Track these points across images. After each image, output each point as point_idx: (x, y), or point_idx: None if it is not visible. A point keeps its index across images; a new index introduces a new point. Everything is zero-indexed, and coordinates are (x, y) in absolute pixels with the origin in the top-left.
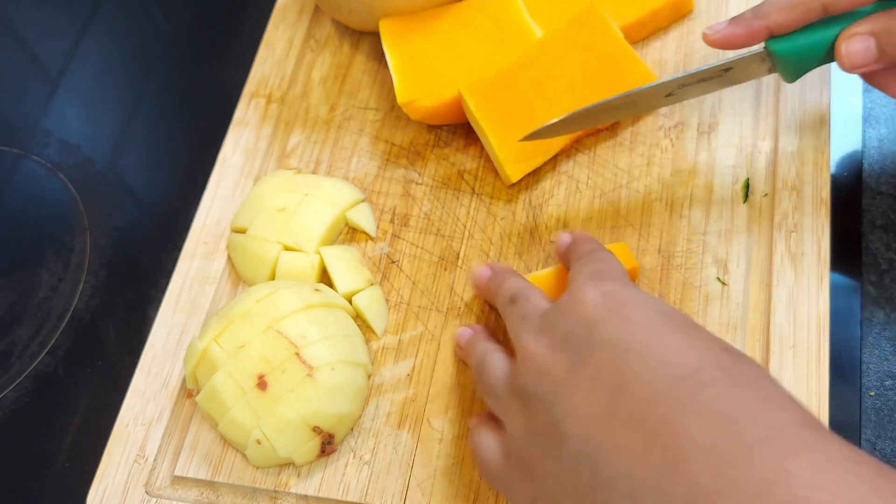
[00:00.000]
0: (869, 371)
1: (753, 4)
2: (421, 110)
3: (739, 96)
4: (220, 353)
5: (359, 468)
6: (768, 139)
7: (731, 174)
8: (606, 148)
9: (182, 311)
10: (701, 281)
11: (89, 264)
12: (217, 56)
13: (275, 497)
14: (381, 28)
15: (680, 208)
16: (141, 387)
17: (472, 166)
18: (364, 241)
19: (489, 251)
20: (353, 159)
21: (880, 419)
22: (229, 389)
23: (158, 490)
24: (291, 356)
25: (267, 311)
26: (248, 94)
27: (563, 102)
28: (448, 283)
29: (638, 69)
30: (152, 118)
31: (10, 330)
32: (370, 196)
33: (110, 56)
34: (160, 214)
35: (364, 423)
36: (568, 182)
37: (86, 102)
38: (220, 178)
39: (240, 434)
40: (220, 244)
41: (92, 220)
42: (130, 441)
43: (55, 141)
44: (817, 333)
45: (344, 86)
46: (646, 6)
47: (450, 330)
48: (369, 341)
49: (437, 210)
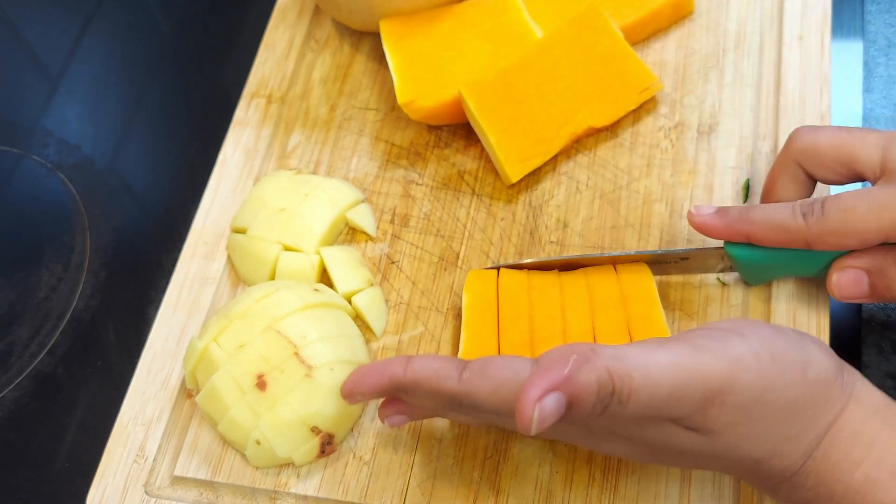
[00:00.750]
0: (869, 371)
1: (755, 8)
2: (421, 110)
3: (739, 96)
4: (220, 353)
5: (359, 468)
6: (769, 140)
7: (731, 174)
8: (606, 148)
9: (182, 311)
10: (701, 281)
11: (89, 264)
12: (217, 56)
13: (274, 497)
14: (381, 28)
15: (680, 208)
16: (141, 387)
17: (472, 167)
18: (364, 242)
19: (489, 251)
20: (353, 159)
21: None
22: (229, 389)
23: (158, 490)
24: (291, 356)
25: (266, 311)
26: (249, 95)
27: (563, 102)
28: (448, 284)
29: (638, 70)
30: (152, 118)
31: (10, 330)
32: (370, 196)
33: (110, 56)
34: (160, 214)
35: (364, 423)
36: (568, 182)
37: (86, 102)
38: (220, 178)
39: (239, 434)
40: (220, 244)
41: (92, 220)
42: (130, 441)
43: (55, 141)
44: (817, 333)
45: (344, 86)
46: (646, 7)
47: (449, 330)
48: (369, 342)
49: (437, 210)
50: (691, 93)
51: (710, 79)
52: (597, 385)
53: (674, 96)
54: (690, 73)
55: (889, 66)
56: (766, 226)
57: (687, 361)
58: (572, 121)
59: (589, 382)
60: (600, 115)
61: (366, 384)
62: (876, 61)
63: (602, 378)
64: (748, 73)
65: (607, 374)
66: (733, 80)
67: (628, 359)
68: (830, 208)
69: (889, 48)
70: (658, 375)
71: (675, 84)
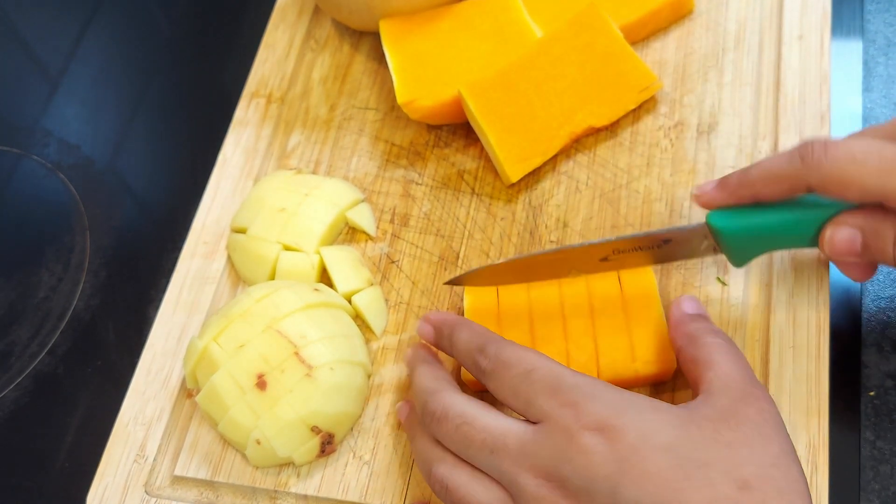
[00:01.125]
0: (869, 371)
1: (755, 7)
2: (421, 110)
3: (739, 96)
4: (220, 353)
5: (359, 468)
6: (768, 139)
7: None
8: (606, 148)
9: (182, 311)
10: (701, 281)
11: (89, 264)
12: (217, 56)
13: (274, 497)
14: (381, 28)
15: (680, 208)
16: (141, 387)
17: (472, 166)
18: (364, 241)
19: (489, 251)
20: (353, 159)
21: (880, 419)
22: (229, 389)
23: (158, 490)
24: (291, 356)
25: (266, 311)
26: (248, 95)
27: (563, 102)
28: None
29: (638, 69)
30: (152, 118)
31: (10, 330)
32: (370, 196)
33: (110, 56)
34: (160, 214)
35: (364, 423)
36: (568, 182)
37: (86, 102)
38: (220, 178)
39: (239, 434)
40: (220, 244)
41: (92, 220)
42: (130, 441)
43: (55, 141)
44: (817, 333)
45: (344, 86)
46: (646, 6)
47: None
48: (369, 341)
49: (437, 210)
50: (691, 92)
51: (709, 78)
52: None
53: (673, 96)
54: (690, 73)
55: (888, 65)
56: (766, 179)
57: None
58: (572, 120)
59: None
60: (600, 115)
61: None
62: (875, 60)
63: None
64: (748, 73)
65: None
66: (733, 79)
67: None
68: (837, 153)
69: (888, 47)
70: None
71: (675, 83)
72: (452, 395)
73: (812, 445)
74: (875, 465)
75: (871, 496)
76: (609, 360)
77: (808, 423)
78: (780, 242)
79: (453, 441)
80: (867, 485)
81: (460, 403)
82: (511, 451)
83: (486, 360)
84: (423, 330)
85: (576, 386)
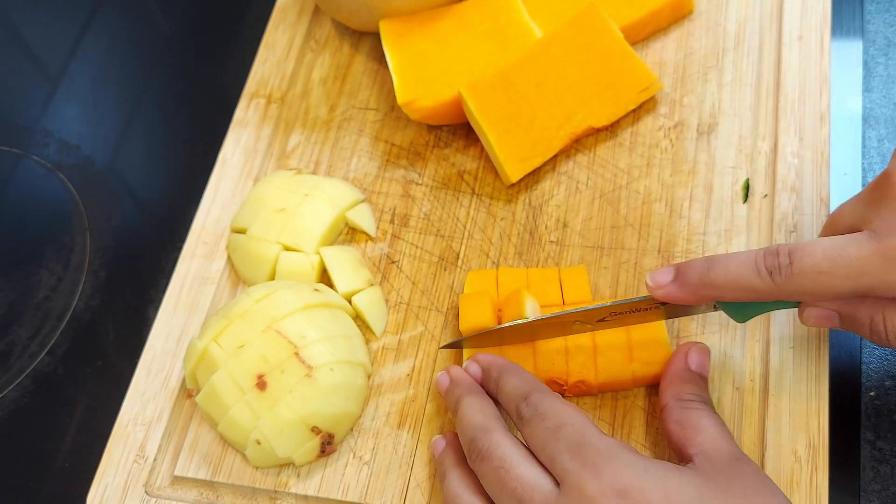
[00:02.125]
0: (869, 371)
1: (755, 8)
2: (421, 110)
3: (739, 96)
4: (220, 353)
5: (359, 468)
6: (768, 139)
7: (731, 174)
8: (606, 148)
9: (182, 312)
10: None
11: (89, 264)
12: (217, 56)
13: (274, 497)
14: (381, 28)
15: (680, 208)
16: (141, 387)
17: (472, 167)
18: (364, 242)
19: (489, 251)
20: (353, 160)
21: (880, 419)
22: (229, 389)
23: (158, 490)
24: (290, 356)
25: (266, 311)
26: (248, 95)
27: (562, 103)
28: (448, 284)
29: (638, 70)
30: (152, 118)
31: (10, 330)
32: (370, 196)
33: (110, 56)
34: (160, 214)
35: (364, 423)
36: (568, 182)
37: (86, 102)
38: (220, 178)
39: (239, 434)
40: (220, 244)
41: (92, 220)
42: (130, 441)
43: (55, 141)
44: (817, 333)
45: (344, 86)
46: (646, 6)
47: (449, 330)
48: (369, 341)
49: (437, 210)
50: (691, 93)
51: (709, 79)
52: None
53: (673, 96)
54: (690, 73)
55: (888, 65)
56: (732, 287)
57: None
58: (572, 121)
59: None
60: (600, 115)
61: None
62: (875, 61)
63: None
64: (748, 73)
65: None
66: (733, 79)
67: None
68: (802, 265)
69: (888, 48)
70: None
71: (675, 84)
72: (500, 437)
73: (812, 445)
74: (875, 465)
75: (871, 496)
76: (606, 360)
77: (808, 423)
78: (780, 307)
79: (489, 481)
80: (867, 485)
81: (504, 446)
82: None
83: (527, 409)
84: (471, 369)
85: (598, 448)
